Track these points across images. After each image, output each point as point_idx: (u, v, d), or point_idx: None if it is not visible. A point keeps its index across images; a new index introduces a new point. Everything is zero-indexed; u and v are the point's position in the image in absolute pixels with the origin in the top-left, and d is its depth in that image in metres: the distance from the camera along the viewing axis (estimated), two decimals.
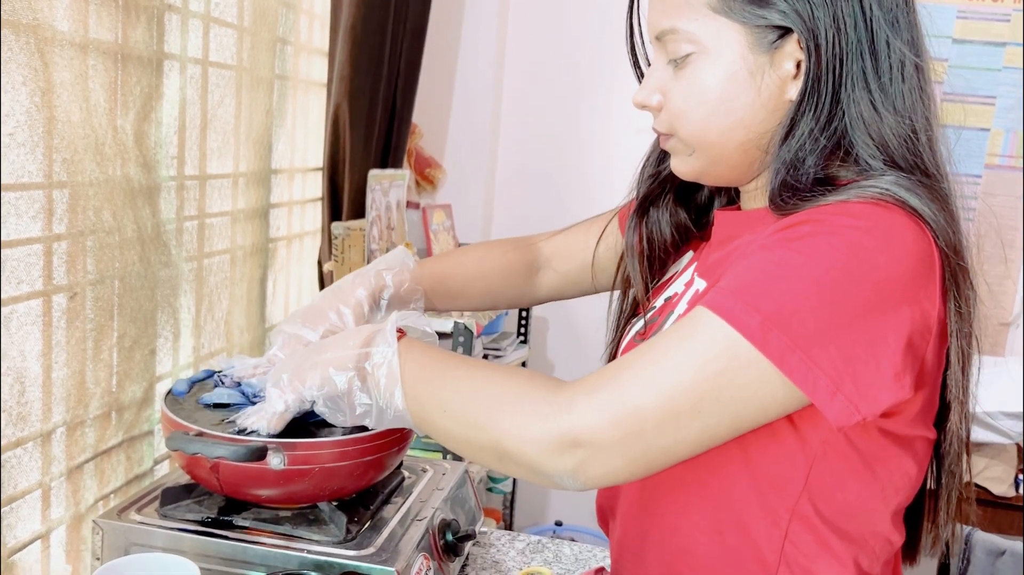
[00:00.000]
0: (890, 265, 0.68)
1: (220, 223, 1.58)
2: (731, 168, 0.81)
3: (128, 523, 0.94)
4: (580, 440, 0.69)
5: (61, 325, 1.16)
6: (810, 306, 0.67)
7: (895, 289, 0.68)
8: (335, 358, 0.83)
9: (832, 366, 0.66)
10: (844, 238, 0.68)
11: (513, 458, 0.72)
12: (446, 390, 0.77)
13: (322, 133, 1.95)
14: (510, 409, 0.72)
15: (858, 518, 0.78)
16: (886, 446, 0.76)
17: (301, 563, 0.90)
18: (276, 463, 0.89)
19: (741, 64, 0.74)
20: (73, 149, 1.13)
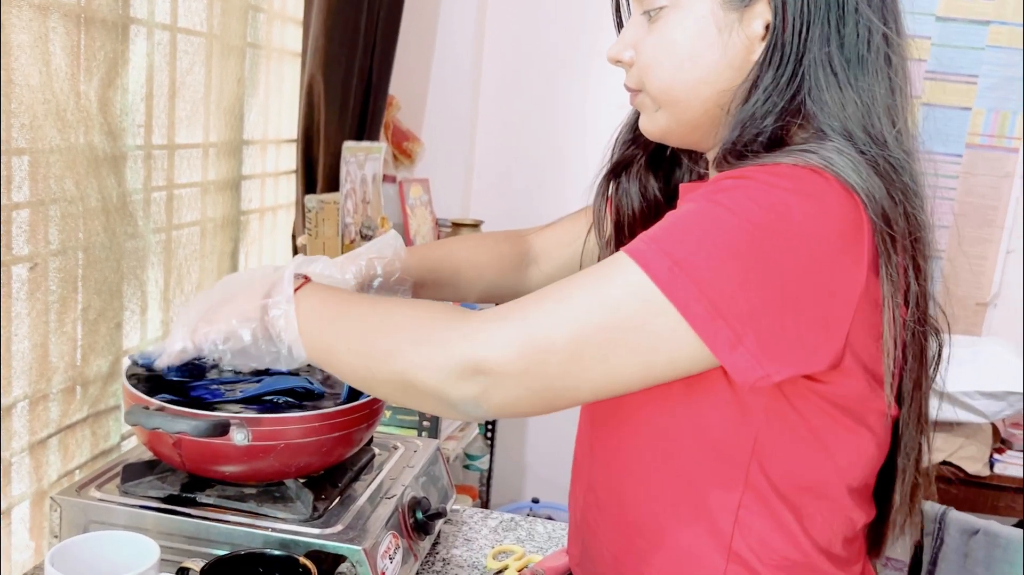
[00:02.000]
0: (809, 225, 0.66)
1: (189, 194, 1.54)
2: (695, 128, 0.80)
3: (87, 500, 0.92)
4: (483, 367, 0.68)
5: (22, 296, 1.13)
6: (720, 256, 0.65)
7: (813, 250, 0.66)
8: (238, 311, 0.83)
9: (736, 317, 0.65)
10: (766, 194, 0.67)
11: (417, 387, 0.71)
12: (347, 328, 0.77)
13: (296, 104, 1.91)
14: (414, 338, 0.72)
15: (812, 491, 0.77)
16: (836, 418, 0.74)
17: (266, 541, 0.88)
18: (240, 439, 0.87)
19: (711, 20, 0.74)
20: (32, 114, 1.09)
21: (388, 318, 0.76)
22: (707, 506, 0.78)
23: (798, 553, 0.78)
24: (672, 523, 0.79)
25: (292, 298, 0.80)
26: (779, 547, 0.77)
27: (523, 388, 0.68)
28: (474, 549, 1.13)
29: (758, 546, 0.77)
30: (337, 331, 0.78)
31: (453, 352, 0.68)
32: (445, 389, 0.69)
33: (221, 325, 0.83)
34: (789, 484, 0.76)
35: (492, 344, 0.68)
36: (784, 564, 0.78)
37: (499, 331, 0.68)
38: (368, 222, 1.89)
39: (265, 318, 0.81)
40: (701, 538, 0.78)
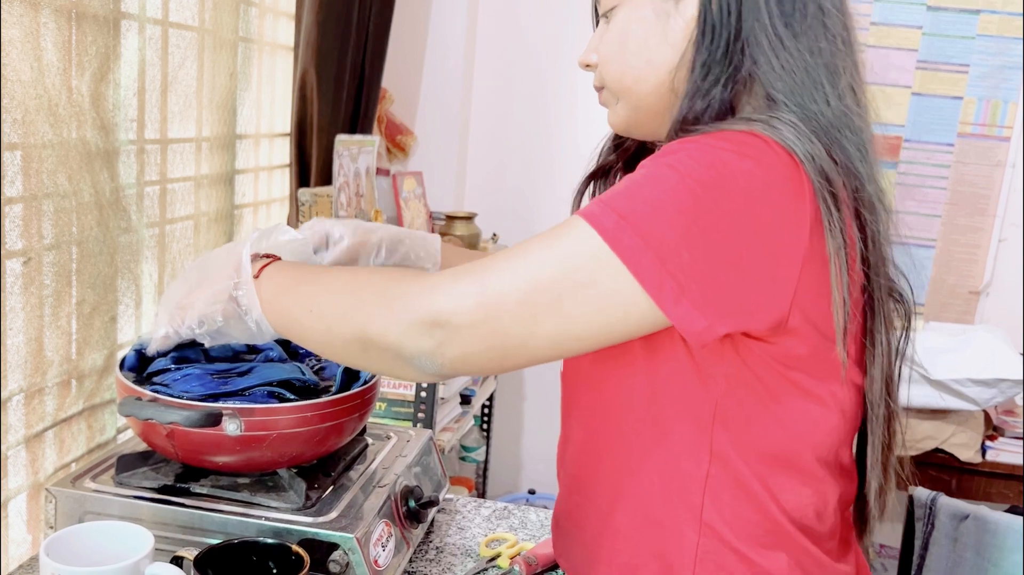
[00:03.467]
0: (750, 183, 0.69)
1: (183, 188, 1.55)
2: (652, 115, 0.83)
3: (82, 491, 0.92)
4: (440, 320, 0.70)
5: (16, 290, 1.13)
6: (665, 212, 0.68)
7: (754, 207, 0.69)
8: (209, 293, 0.86)
9: (679, 269, 0.67)
10: (708, 154, 0.70)
11: (376, 343, 0.73)
12: (307, 294, 0.81)
13: (289, 98, 1.92)
14: (374, 297, 0.75)
15: (778, 461, 0.78)
16: (793, 382, 0.76)
17: (259, 530, 0.89)
18: (232, 429, 0.87)
19: (650, 9, 0.80)
20: (25, 109, 1.09)
21: (351, 282, 0.79)
22: (678, 477, 0.79)
23: (769, 523, 0.79)
24: (644, 495, 0.81)
25: (251, 277, 0.83)
26: (750, 517, 0.78)
27: (478, 341, 0.70)
28: (467, 537, 1.14)
29: (730, 517, 0.78)
30: (297, 299, 0.81)
31: (411, 305, 0.71)
32: (402, 342, 0.71)
33: (195, 310, 0.86)
34: (754, 452, 0.78)
35: (449, 296, 0.70)
36: (756, 534, 0.79)
37: (456, 285, 0.71)
38: (362, 215, 1.90)
39: (232, 298, 0.84)
40: (673, 510, 0.80)
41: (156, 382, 0.94)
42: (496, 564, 1.07)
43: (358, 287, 0.77)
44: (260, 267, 0.84)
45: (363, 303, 0.75)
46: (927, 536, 1.46)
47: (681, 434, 0.78)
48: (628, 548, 0.83)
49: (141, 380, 0.96)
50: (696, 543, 0.79)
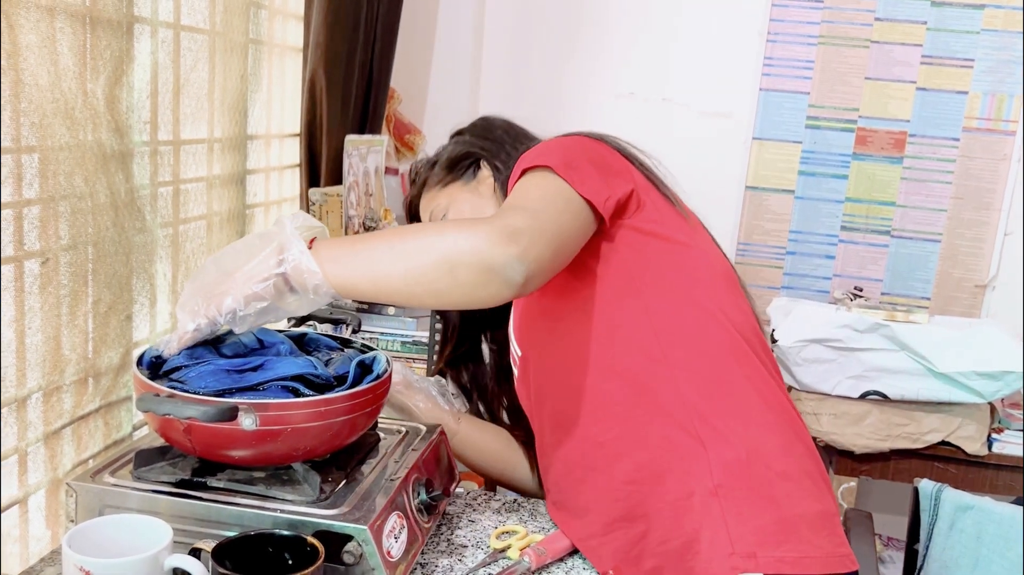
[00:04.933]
0: (577, 138, 1.12)
1: (196, 189, 1.57)
2: None
3: (101, 485, 0.95)
4: (517, 229, 0.89)
5: (34, 290, 1.16)
6: (552, 149, 1.06)
7: (586, 143, 1.11)
8: (246, 277, 0.91)
9: (580, 175, 1.02)
10: (545, 140, 1.16)
11: (466, 259, 0.87)
12: (370, 250, 0.92)
13: (299, 99, 1.94)
14: (453, 227, 0.91)
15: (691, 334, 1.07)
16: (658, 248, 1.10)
17: (275, 523, 0.91)
18: (248, 424, 0.89)
19: (466, 192, 1.31)
20: (42, 113, 1.12)
21: (409, 229, 0.94)
22: (655, 396, 1.02)
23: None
24: (633, 427, 1.03)
25: (304, 245, 0.91)
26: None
27: (540, 247, 0.91)
28: (478, 529, 1.16)
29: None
30: (361, 255, 0.91)
31: (491, 224, 0.89)
32: (493, 251, 0.87)
33: (237, 292, 0.90)
34: (678, 340, 1.04)
35: (518, 218, 0.92)
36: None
37: (516, 214, 0.93)
38: (371, 214, 1.92)
39: (283, 269, 0.90)
40: (671, 431, 1.01)
41: (172, 379, 0.96)
42: (506, 556, 1.09)
43: (423, 230, 0.93)
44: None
45: (444, 233, 0.90)
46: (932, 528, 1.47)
47: (639, 354, 1.04)
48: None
49: (157, 377, 0.98)
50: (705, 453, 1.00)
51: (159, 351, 0.98)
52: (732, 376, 1.02)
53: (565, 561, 1.10)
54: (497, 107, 2.70)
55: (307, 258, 0.90)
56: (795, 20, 2.48)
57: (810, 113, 2.52)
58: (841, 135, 2.50)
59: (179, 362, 1.00)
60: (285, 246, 0.92)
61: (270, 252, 0.91)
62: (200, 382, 0.95)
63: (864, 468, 2.16)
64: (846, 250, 2.54)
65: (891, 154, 2.49)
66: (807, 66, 2.49)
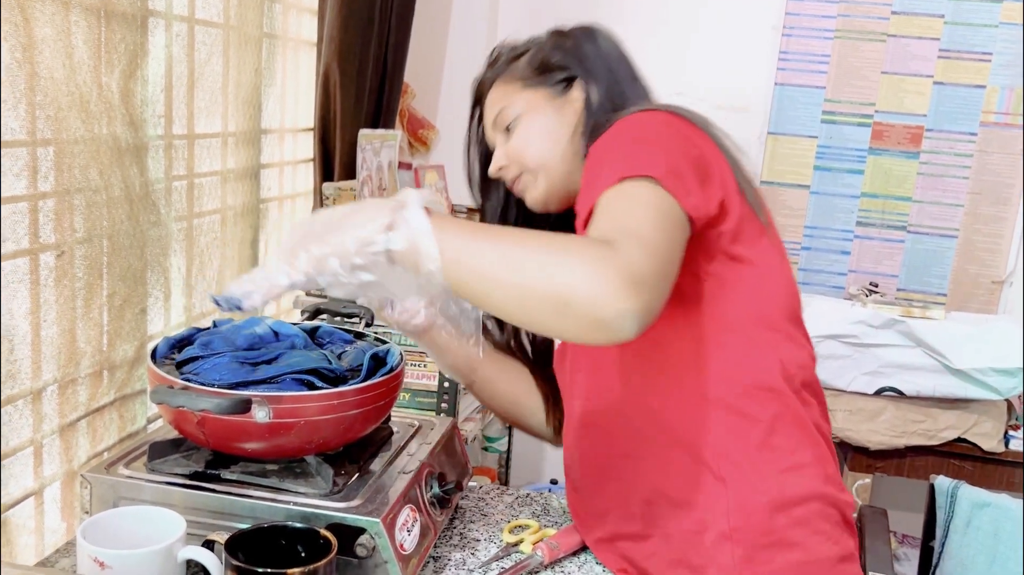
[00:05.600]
0: (671, 123, 0.98)
1: (210, 183, 1.57)
2: (564, 179, 1.11)
3: (116, 477, 0.95)
4: (643, 280, 0.78)
5: (49, 283, 1.16)
6: (651, 147, 0.94)
7: (682, 134, 0.97)
8: (361, 240, 0.80)
9: (682, 178, 0.91)
10: (635, 121, 0.99)
11: (580, 304, 0.76)
12: (493, 254, 0.79)
13: (313, 93, 1.94)
14: (572, 260, 0.77)
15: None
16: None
17: (288, 515, 0.91)
18: (261, 416, 0.89)
19: (550, 108, 1.12)
20: (57, 106, 1.12)
21: (532, 240, 0.81)
22: (685, 426, 0.98)
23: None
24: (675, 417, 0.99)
25: (427, 223, 0.79)
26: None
27: (662, 288, 0.82)
28: (491, 523, 1.15)
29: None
30: (485, 248, 0.79)
31: (620, 271, 0.77)
32: (615, 303, 0.76)
33: (345, 255, 0.80)
34: (721, 376, 0.98)
35: (640, 261, 0.79)
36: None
37: (637, 251, 0.81)
38: None
39: (399, 245, 0.80)
40: (694, 464, 0.97)
41: (186, 371, 0.96)
42: (519, 550, 1.09)
43: (549, 248, 0.79)
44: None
45: (564, 265, 0.77)
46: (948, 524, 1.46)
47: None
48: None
49: (171, 369, 0.98)
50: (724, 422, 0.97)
51: (233, 298, 0.83)
52: (768, 419, 0.97)
53: (578, 555, 1.10)
54: None
55: (428, 238, 0.79)
56: (811, 14, 2.46)
57: (826, 108, 2.50)
58: (857, 130, 2.49)
59: (194, 353, 1.00)
60: (406, 219, 0.80)
61: (388, 221, 0.81)
62: (214, 374, 0.95)
63: (879, 465, 2.14)
64: (862, 245, 2.53)
65: (907, 149, 2.47)
66: (823, 60, 2.48)
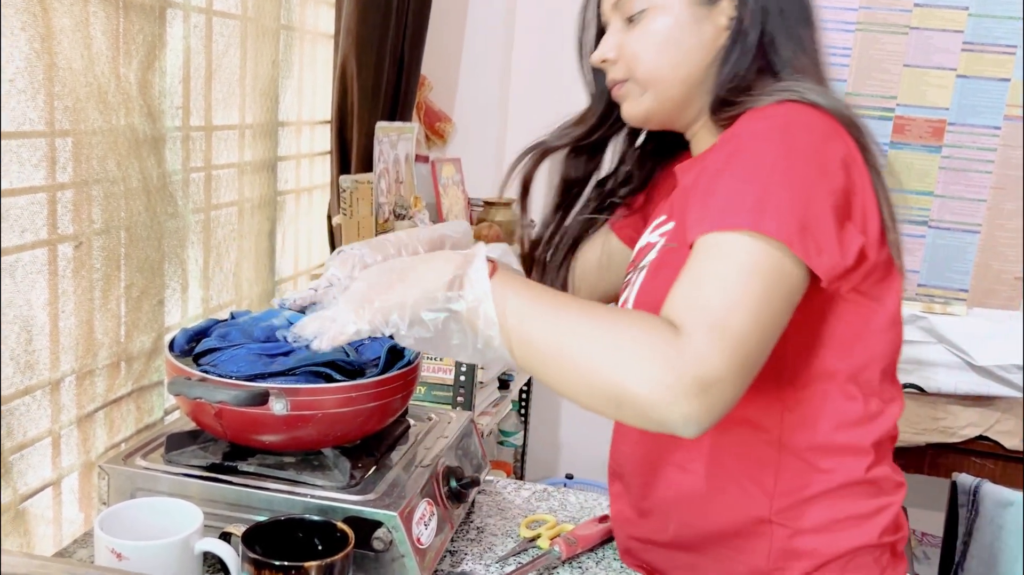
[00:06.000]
0: (812, 145, 0.82)
1: (227, 175, 1.57)
2: (674, 106, 0.96)
3: (133, 468, 0.95)
4: (711, 381, 0.72)
5: (67, 274, 1.16)
6: (783, 191, 0.78)
7: (821, 161, 0.81)
8: (424, 295, 0.80)
9: (814, 227, 0.78)
10: (771, 136, 0.82)
11: (638, 405, 0.73)
12: (553, 332, 0.77)
13: (330, 85, 1.94)
14: (633, 356, 0.73)
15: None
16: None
17: (305, 508, 0.91)
18: (279, 408, 0.89)
19: (687, 15, 0.92)
20: (75, 97, 1.12)
21: (598, 328, 0.76)
22: (746, 463, 0.91)
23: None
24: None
25: (488, 287, 0.78)
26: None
27: (738, 384, 0.74)
28: (507, 518, 1.15)
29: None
30: (540, 333, 0.77)
31: (680, 373, 0.71)
32: (672, 410, 0.72)
33: (406, 310, 0.80)
34: (807, 421, 0.90)
35: (711, 360, 0.72)
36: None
37: (709, 347, 0.73)
38: (402, 201, 1.92)
39: (456, 307, 0.79)
40: (746, 500, 0.91)
41: (204, 363, 0.96)
42: (536, 545, 1.08)
43: (605, 339, 0.75)
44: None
45: (622, 359, 0.73)
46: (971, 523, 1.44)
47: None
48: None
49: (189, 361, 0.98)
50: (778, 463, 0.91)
51: (305, 338, 0.85)
52: (838, 474, 0.90)
53: (596, 551, 1.09)
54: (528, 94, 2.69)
55: (488, 304, 0.78)
56: (832, 6, 2.44)
57: (847, 101, 2.47)
58: (878, 123, 2.46)
59: (211, 345, 1.00)
60: (470, 279, 0.79)
61: (452, 277, 0.80)
62: (232, 366, 0.95)
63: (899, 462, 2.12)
64: None
65: (929, 143, 2.44)
66: (844, 53, 2.45)
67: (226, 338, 1.00)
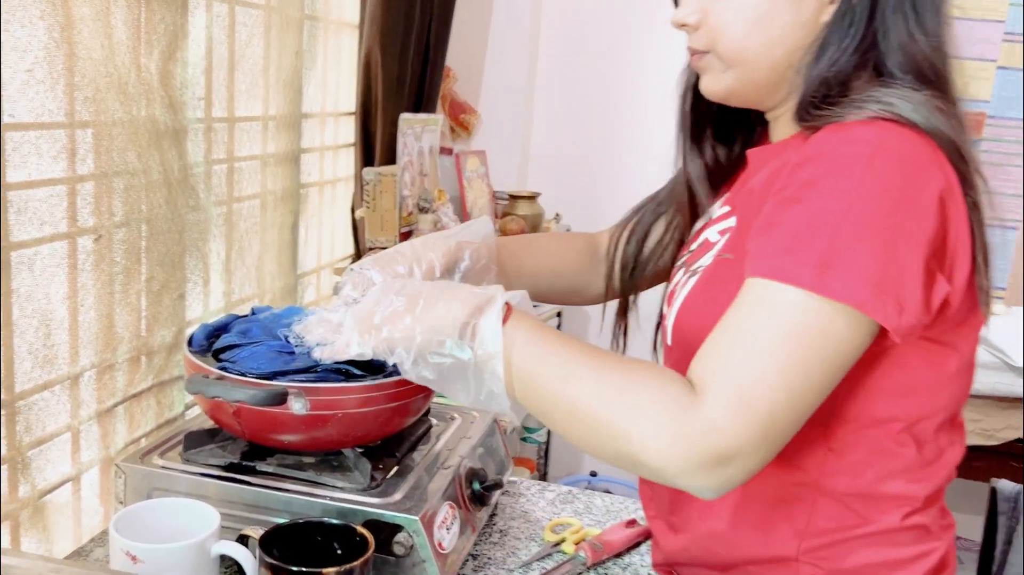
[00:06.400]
0: (903, 181, 0.70)
1: (250, 167, 1.55)
2: (760, 87, 0.83)
3: (150, 467, 0.93)
4: (726, 457, 0.67)
5: (87, 268, 1.15)
6: (855, 241, 0.68)
7: (913, 202, 0.69)
8: (433, 335, 0.76)
9: (892, 286, 0.68)
10: (854, 169, 0.70)
11: (650, 469, 0.70)
12: (562, 387, 0.73)
13: (354, 76, 1.91)
14: (644, 420, 0.69)
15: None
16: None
17: (324, 510, 0.88)
18: (298, 408, 0.87)
19: None
20: (95, 87, 1.10)
21: (610, 386, 0.71)
22: (787, 508, 0.83)
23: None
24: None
25: (500, 333, 0.74)
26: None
27: (762, 458, 0.69)
28: (531, 521, 1.12)
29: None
30: (549, 380, 0.73)
31: (693, 444, 0.67)
32: (687, 479, 0.69)
33: (411, 345, 0.77)
34: (856, 468, 0.81)
35: (729, 430, 0.67)
36: None
37: (727, 414, 0.67)
38: (425, 194, 1.89)
39: (465, 355, 0.75)
40: (782, 542, 0.84)
41: (223, 359, 0.94)
42: (561, 550, 1.05)
43: (622, 395, 0.70)
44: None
45: (633, 424, 0.69)
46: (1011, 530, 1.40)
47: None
48: None
49: (209, 357, 0.95)
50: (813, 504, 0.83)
51: (308, 343, 0.85)
52: (884, 523, 0.82)
53: (623, 557, 1.06)
54: (554, 86, 2.65)
55: (498, 360, 0.74)
56: None
57: (962, 113, 2.40)
58: None
59: (231, 341, 0.98)
60: (481, 328, 0.75)
61: (464, 321, 0.75)
62: (252, 362, 0.92)
63: None
64: None
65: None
66: None
67: (247, 334, 0.98)
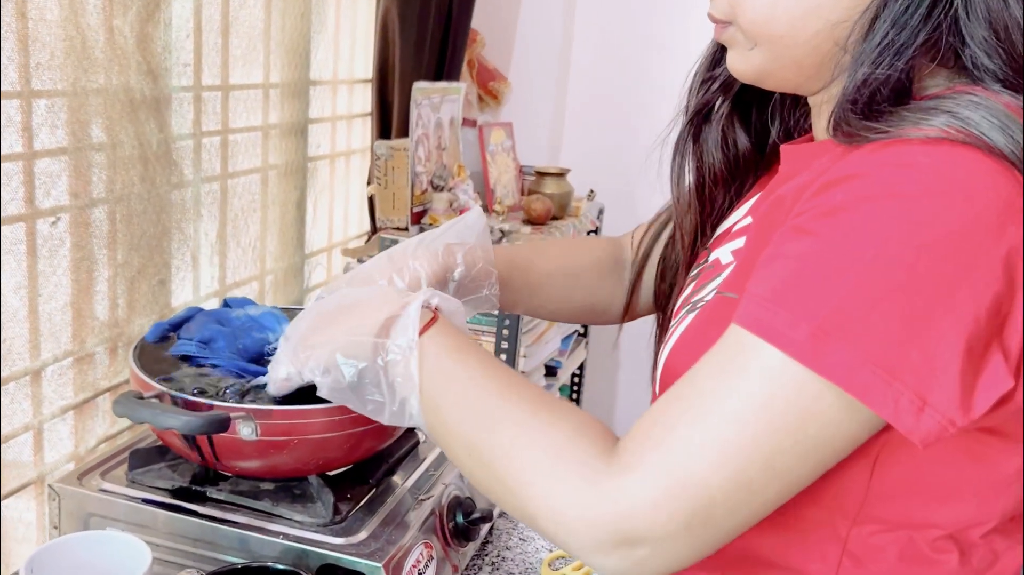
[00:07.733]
0: (961, 231, 0.50)
1: (247, 139, 1.43)
2: (799, 68, 0.64)
3: (87, 491, 0.82)
4: (635, 537, 0.54)
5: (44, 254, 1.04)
6: (870, 305, 0.51)
7: (967, 261, 0.50)
8: (347, 341, 0.67)
9: (914, 375, 0.50)
10: (895, 206, 0.52)
11: (549, 537, 0.58)
12: (460, 424, 0.63)
13: (371, 41, 1.77)
14: (546, 476, 0.57)
15: None
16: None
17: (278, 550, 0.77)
18: (247, 433, 0.75)
19: None
20: (50, 52, 0.98)
21: (521, 429, 0.60)
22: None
23: None
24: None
25: (418, 346, 0.64)
26: None
27: (687, 546, 0.55)
28: (529, 551, 1.00)
29: None
30: (458, 413, 0.63)
31: (598, 518, 0.54)
32: (586, 555, 0.56)
33: (325, 351, 0.68)
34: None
35: (642, 507, 0.53)
36: None
37: (645, 487, 0.54)
38: (441, 171, 1.75)
39: (378, 360, 0.66)
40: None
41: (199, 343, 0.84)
42: None
43: (524, 449, 0.59)
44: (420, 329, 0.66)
45: (531, 481, 0.58)
46: None
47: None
48: None
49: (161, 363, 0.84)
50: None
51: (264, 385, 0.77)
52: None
53: None
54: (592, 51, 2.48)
55: (412, 360, 0.64)
56: None
57: None
58: None
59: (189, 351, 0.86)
60: (395, 328, 0.66)
61: (377, 325, 0.66)
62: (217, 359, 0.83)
63: None
64: None
65: None
66: None
67: (208, 344, 0.86)
